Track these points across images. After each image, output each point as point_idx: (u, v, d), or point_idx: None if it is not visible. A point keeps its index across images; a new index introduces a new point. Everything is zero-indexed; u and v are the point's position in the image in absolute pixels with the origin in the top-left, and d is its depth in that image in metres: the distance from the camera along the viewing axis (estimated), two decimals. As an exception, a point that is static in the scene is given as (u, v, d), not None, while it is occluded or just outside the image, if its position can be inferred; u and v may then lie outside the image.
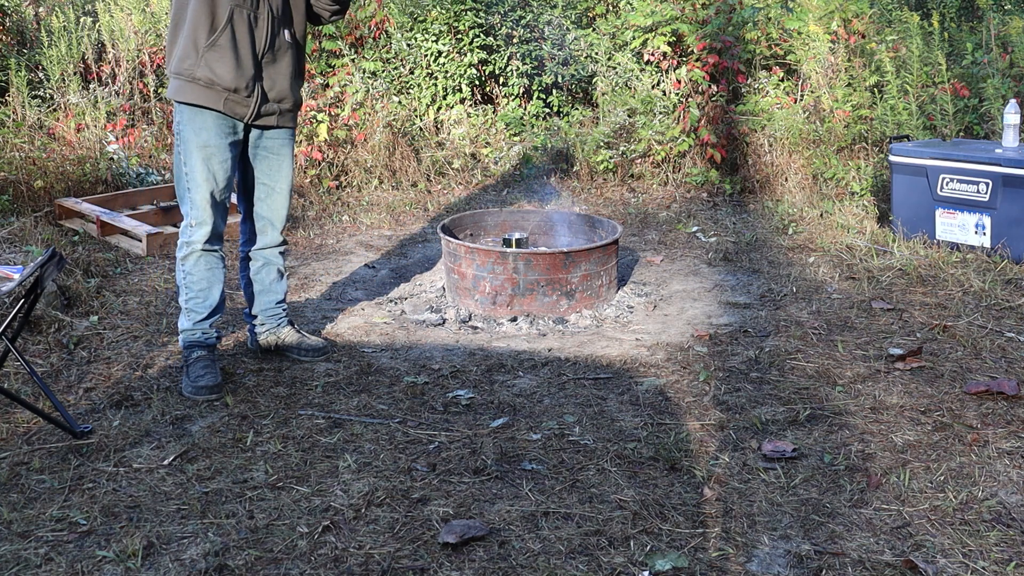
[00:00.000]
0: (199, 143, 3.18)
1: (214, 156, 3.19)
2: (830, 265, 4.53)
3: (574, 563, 2.20)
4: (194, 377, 3.16)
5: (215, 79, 3.13)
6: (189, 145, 3.18)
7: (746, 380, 3.26)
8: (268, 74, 3.24)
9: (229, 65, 3.13)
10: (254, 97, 3.22)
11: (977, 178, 4.53)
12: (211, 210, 3.23)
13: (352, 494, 2.52)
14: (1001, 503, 2.44)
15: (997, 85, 5.44)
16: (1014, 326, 3.69)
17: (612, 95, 6.66)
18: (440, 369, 3.40)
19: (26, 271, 2.79)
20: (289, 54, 3.30)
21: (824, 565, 2.19)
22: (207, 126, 3.17)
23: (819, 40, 6.22)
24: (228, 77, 3.13)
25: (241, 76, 3.16)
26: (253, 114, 3.23)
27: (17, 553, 2.26)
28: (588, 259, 3.96)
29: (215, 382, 3.16)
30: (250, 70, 3.18)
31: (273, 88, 3.27)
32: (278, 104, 3.31)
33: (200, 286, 3.29)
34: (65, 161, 5.71)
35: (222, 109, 3.16)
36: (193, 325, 3.29)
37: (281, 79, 3.29)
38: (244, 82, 3.17)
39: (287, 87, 3.31)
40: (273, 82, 3.26)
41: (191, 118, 3.17)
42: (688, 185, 6.30)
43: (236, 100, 3.18)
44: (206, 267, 3.28)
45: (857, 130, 5.95)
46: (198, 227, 3.24)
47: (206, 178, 3.20)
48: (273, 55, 3.24)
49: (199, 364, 3.21)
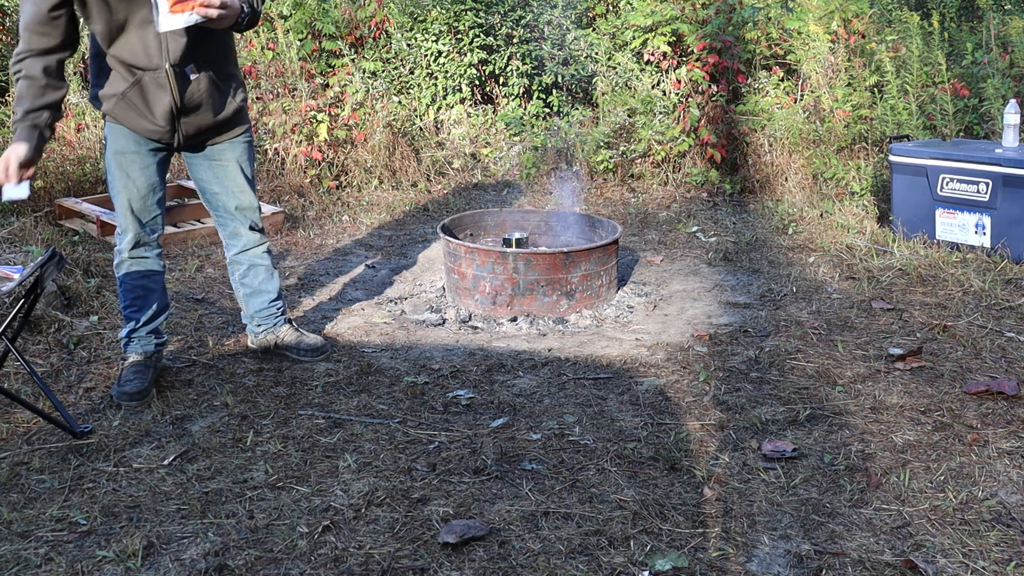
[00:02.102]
0: (115, 149, 3.08)
1: (133, 163, 3.09)
2: (830, 265, 4.53)
3: (574, 563, 2.20)
4: (122, 382, 3.13)
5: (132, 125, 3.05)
6: (108, 151, 3.10)
7: (746, 380, 3.26)
8: (187, 121, 3.08)
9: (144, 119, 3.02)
10: (176, 136, 3.11)
11: (977, 178, 4.53)
12: (132, 216, 3.13)
13: (352, 494, 2.52)
14: (1001, 503, 2.44)
15: (997, 85, 5.45)
16: (1014, 326, 3.69)
17: (612, 95, 6.66)
18: (440, 369, 3.40)
19: (26, 271, 2.79)
20: (207, 92, 3.07)
21: (824, 565, 2.19)
22: (123, 133, 3.07)
23: (819, 40, 6.22)
24: (146, 127, 3.04)
25: (158, 130, 3.05)
26: (178, 145, 3.16)
27: (17, 553, 2.26)
28: (588, 259, 3.96)
29: (139, 388, 3.10)
30: (167, 124, 3.05)
31: (196, 128, 3.12)
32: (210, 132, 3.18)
33: (134, 294, 3.22)
34: (65, 161, 5.71)
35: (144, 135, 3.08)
36: (128, 333, 3.24)
37: (203, 117, 3.11)
38: (162, 133, 3.07)
39: (211, 120, 3.13)
40: (195, 124, 3.11)
41: (110, 126, 3.09)
42: (688, 185, 6.30)
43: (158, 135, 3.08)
44: (138, 275, 3.21)
45: (857, 130, 5.95)
46: (123, 234, 3.17)
47: (124, 185, 3.10)
48: (191, 104, 3.05)
49: (129, 370, 3.17)
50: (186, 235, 4.99)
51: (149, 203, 3.17)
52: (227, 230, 3.38)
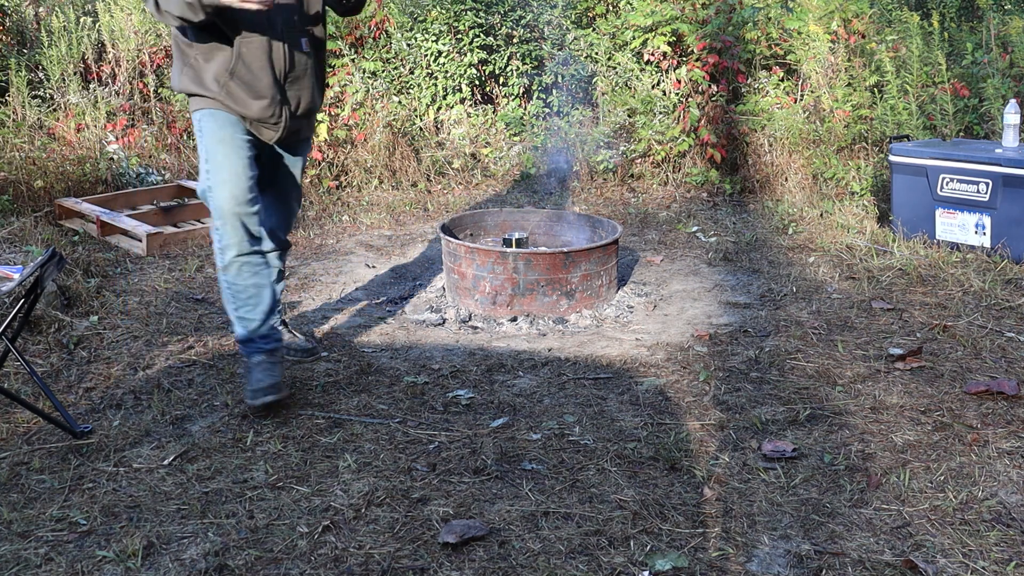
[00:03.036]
0: (218, 136, 2.97)
1: (240, 149, 2.98)
2: (830, 265, 4.53)
3: (574, 563, 2.20)
4: (253, 382, 2.99)
5: (238, 109, 2.98)
6: (207, 139, 2.98)
7: (746, 380, 3.26)
8: (292, 94, 3.05)
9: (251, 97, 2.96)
10: (282, 122, 3.06)
11: (977, 178, 4.53)
12: (235, 214, 2.97)
13: (352, 494, 2.52)
14: (1001, 503, 2.44)
15: (997, 85, 5.44)
16: (1014, 326, 3.69)
17: (612, 95, 6.65)
18: (440, 369, 3.40)
19: (26, 271, 2.79)
20: (311, 63, 3.08)
21: (824, 565, 2.19)
22: (226, 119, 2.98)
23: (819, 40, 6.21)
24: (254, 109, 2.98)
25: (266, 107, 2.99)
26: (281, 137, 3.10)
27: (17, 553, 2.26)
28: (588, 259, 3.96)
29: (274, 381, 2.99)
30: (274, 96, 2.99)
31: (300, 105, 3.09)
32: (305, 119, 3.18)
33: (248, 294, 3.06)
34: (65, 161, 5.71)
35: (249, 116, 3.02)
36: (249, 333, 3.08)
37: (306, 93, 3.10)
38: (271, 111, 3.01)
39: (311, 98, 3.13)
40: (299, 99, 3.08)
41: (210, 112, 2.99)
42: (688, 185, 6.30)
43: (263, 126, 3.05)
44: (250, 273, 3.05)
45: (857, 130, 5.95)
46: (226, 235, 2.99)
47: (229, 176, 2.96)
48: (295, 72, 3.03)
49: (258, 368, 3.03)
50: (186, 235, 4.99)
51: (252, 195, 3.02)
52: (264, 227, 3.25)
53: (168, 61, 6.90)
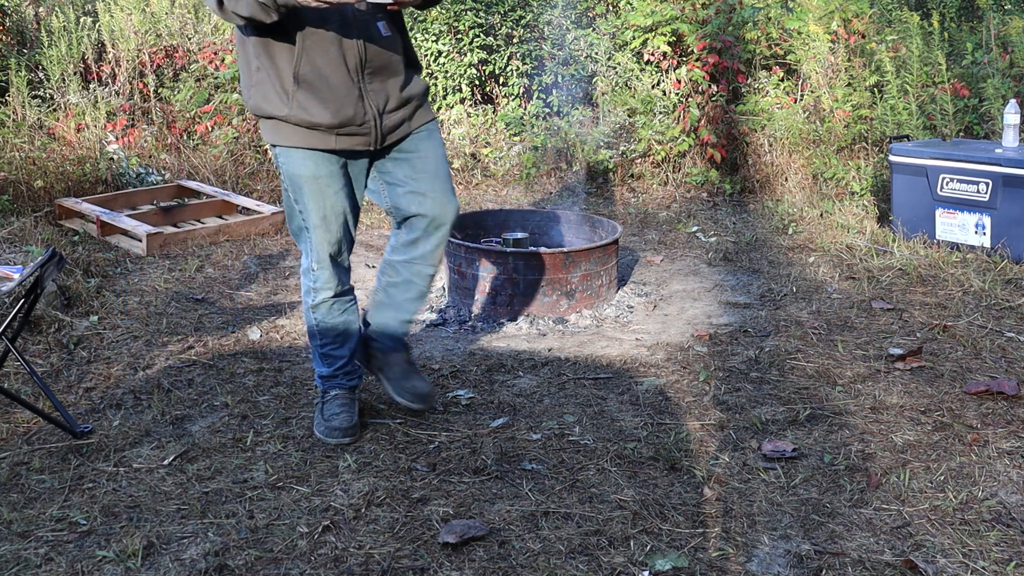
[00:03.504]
0: (306, 175, 2.67)
1: (329, 187, 2.69)
2: (830, 265, 4.53)
3: (574, 563, 2.20)
4: (328, 416, 2.83)
5: (316, 120, 2.60)
6: (295, 180, 2.69)
7: (746, 380, 3.26)
8: (376, 88, 2.65)
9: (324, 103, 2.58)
10: (370, 123, 2.65)
11: (977, 178, 4.53)
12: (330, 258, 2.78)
13: (352, 494, 2.52)
14: (1001, 503, 2.44)
15: (997, 85, 5.44)
16: (1014, 326, 3.69)
17: (612, 95, 6.65)
18: (440, 369, 3.40)
19: (26, 271, 2.79)
20: (393, 48, 2.67)
21: (824, 565, 2.19)
22: (313, 157, 2.66)
23: (819, 40, 6.21)
24: (331, 116, 2.59)
25: (345, 110, 2.60)
26: (377, 141, 2.70)
27: (17, 553, 2.26)
28: (588, 259, 3.96)
29: (350, 423, 2.81)
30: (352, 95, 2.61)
31: (388, 100, 2.67)
32: (404, 109, 2.73)
33: (335, 332, 2.86)
34: (65, 161, 5.71)
35: (335, 148, 2.65)
36: (333, 370, 2.89)
37: (394, 85, 2.68)
38: (351, 113, 2.61)
39: (401, 89, 2.70)
40: (386, 93, 2.67)
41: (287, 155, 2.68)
42: (688, 185, 6.30)
43: (350, 134, 2.65)
44: (340, 311, 2.85)
45: (857, 130, 5.95)
46: (321, 271, 2.78)
47: (321, 220, 2.71)
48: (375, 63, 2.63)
49: (336, 403, 2.85)
50: (186, 235, 4.99)
51: (348, 236, 2.81)
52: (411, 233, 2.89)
53: (168, 61, 6.90)
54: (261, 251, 4.91)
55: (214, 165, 6.15)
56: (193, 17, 7.13)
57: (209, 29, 7.04)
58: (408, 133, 2.77)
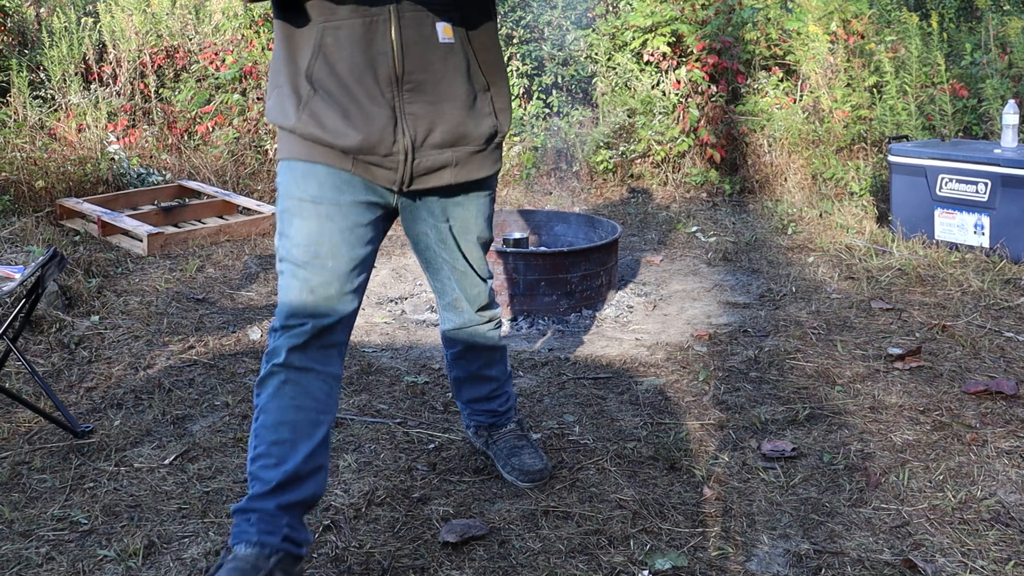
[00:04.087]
0: (300, 196, 2.01)
1: (330, 218, 2.00)
2: (829, 265, 4.54)
3: (574, 562, 2.21)
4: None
5: (327, 137, 1.98)
6: (285, 200, 2.04)
7: (745, 380, 3.27)
8: (416, 110, 1.99)
9: (342, 118, 1.97)
10: (399, 156, 2.00)
11: (976, 178, 4.54)
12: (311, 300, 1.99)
13: (352, 493, 2.53)
14: (1000, 502, 2.45)
15: (996, 85, 5.45)
16: (1013, 326, 3.70)
17: (612, 95, 6.66)
18: (440, 369, 3.41)
19: (27, 271, 2.80)
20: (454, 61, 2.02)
21: (823, 564, 2.19)
22: (316, 175, 2.01)
23: (818, 40, 6.22)
24: (349, 137, 1.97)
25: (367, 132, 1.97)
26: (404, 180, 2.04)
27: (18, 552, 2.26)
28: (588, 259, 3.97)
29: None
30: (379, 115, 1.97)
31: (431, 129, 2.01)
32: (452, 151, 2.06)
33: (272, 435, 1.97)
34: (66, 161, 5.72)
35: (351, 170, 2.02)
36: (247, 502, 1.98)
37: (447, 110, 2.02)
38: (377, 138, 1.98)
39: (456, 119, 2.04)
40: (430, 120, 2.01)
41: (289, 167, 2.06)
42: (688, 185, 6.31)
43: (371, 163, 2.02)
44: (291, 400, 1.97)
45: (856, 130, 5.96)
46: (286, 325, 1.99)
47: (310, 255, 1.99)
48: (418, 75, 1.98)
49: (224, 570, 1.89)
50: (186, 235, 4.99)
51: (347, 287, 2.02)
52: (445, 298, 2.41)
53: (169, 62, 6.91)
54: (262, 251, 4.91)
55: (215, 165, 6.16)
56: (194, 18, 7.14)
57: (210, 30, 7.05)
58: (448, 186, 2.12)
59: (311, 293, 1.98)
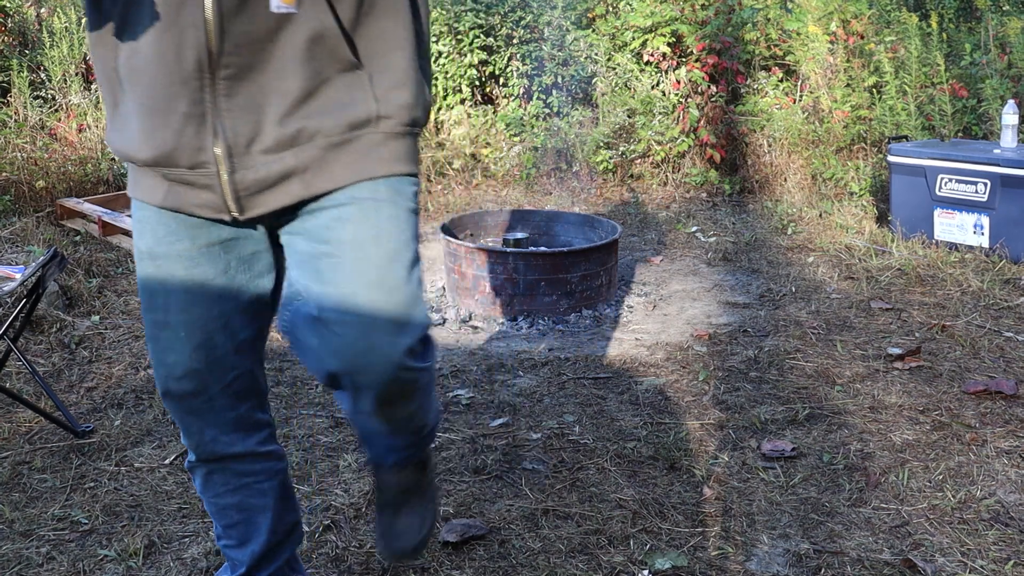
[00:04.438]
0: (142, 247, 1.58)
1: (172, 275, 1.56)
2: (829, 265, 4.54)
3: (574, 562, 2.21)
4: None
5: (130, 149, 1.48)
6: (137, 259, 1.61)
7: (745, 380, 3.27)
8: (234, 103, 1.41)
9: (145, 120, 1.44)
10: (211, 171, 1.44)
11: (976, 178, 4.54)
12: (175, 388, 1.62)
13: (353, 493, 2.53)
14: (999, 502, 2.45)
15: (995, 86, 5.45)
16: (1012, 326, 3.70)
17: (612, 95, 6.67)
18: (440, 369, 3.41)
19: (28, 271, 2.80)
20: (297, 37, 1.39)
21: (823, 564, 2.20)
22: (152, 221, 1.56)
23: (818, 41, 6.22)
24: (138, 139, 1.46)
25: (161, 129, 1.43)
26: (230, 204, 1.46)
27: (19, 552, 2.27)
28: (588, 259, 3.97)
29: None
30: (180, 106, 1.41)
31: (261, 126, 1.42)
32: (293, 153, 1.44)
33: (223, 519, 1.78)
34: (67, 161, 5.72)
35: (163, 204, 1.52)
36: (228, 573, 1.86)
37: (275, 101, 1.41)
38: (170, 141, 1.43)
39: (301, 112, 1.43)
40: (255, 114, 1.42)
41: (137, 207, 1.59)
42: (688, 185, 6.31)
43: (180, 181, 1.48)
44: (223, 487, 1.74)
45: (856, 130, 5.96)
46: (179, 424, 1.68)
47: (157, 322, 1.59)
48: (237, 58, 1.38)
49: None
50: (187, 235, 4.99)
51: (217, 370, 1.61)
52: None
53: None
54: (262, 251, 4.91)
55: (214, 165, 6.16)
56: (193, 18, 7.14)
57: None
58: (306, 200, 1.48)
59: (168, 378, 1.60)
